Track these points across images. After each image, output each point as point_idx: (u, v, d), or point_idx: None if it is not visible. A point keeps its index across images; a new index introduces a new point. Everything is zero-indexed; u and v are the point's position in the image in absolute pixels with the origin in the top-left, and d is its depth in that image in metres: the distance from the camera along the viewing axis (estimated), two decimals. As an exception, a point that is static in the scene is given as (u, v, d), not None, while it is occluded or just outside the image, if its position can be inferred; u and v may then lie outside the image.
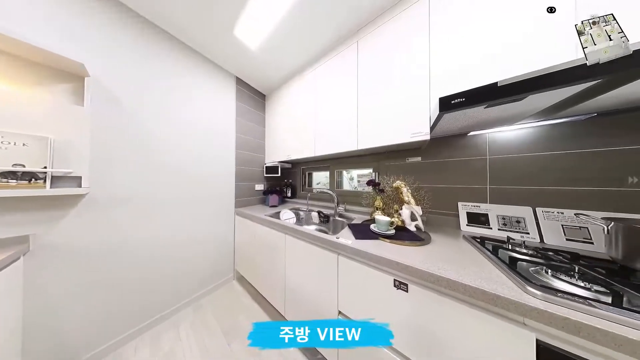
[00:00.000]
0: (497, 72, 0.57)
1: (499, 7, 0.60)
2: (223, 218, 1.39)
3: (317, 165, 1.61)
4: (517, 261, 0.49)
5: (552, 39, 0.52)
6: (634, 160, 0.55)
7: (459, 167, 0.85)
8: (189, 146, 1.18)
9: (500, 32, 0.59)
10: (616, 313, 0.30)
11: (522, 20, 0.56)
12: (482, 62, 0.62)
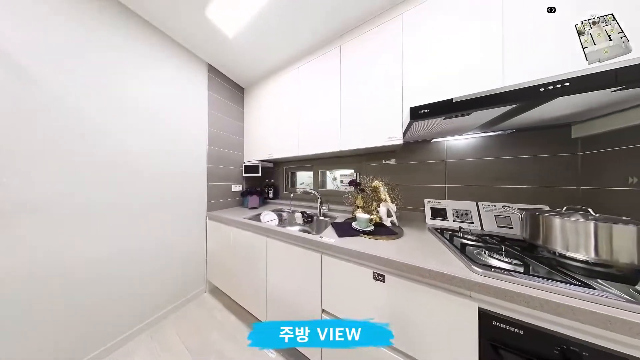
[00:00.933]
0: (454, 90, 0.69)
1: (455, 40, 0.73)
2: (192, 224, 1.22)
3: (301, 165, 1.59)
4: (466, 246, 0.59)
5: (491, 69, 0.65)
6: (533, 165, 0.75)
7: (425, 169, 0.98)
8: (146, 140, 0.99)
9: (456, 59, 0.72)
10: (525, 279, 0.40)
11: (472, 53, 0.69)
12: (443, 81, 0.74)
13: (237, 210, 1.38)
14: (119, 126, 0.89)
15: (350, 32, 1.01)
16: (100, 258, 0.82)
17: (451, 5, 0.74)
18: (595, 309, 0.33)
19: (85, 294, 0.78)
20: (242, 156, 1.65)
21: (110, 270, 0.86)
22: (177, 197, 1.13)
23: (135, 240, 0.95)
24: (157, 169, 1.04)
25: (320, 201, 1.20)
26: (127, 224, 0.92)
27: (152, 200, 1.01)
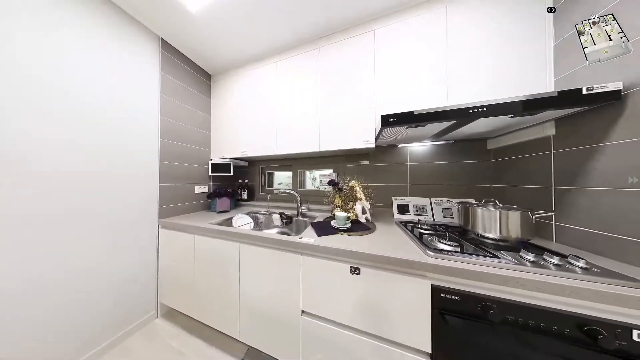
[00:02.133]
0: (415, 104, 0.82)
1: (415, 63, 0.86)
2: (136, 235, 0.98)
3: (279, 165, 1.53)
4: (423, 235, 0.72)
5: (440, 91, 0.81)
6: (466, 168, 0.98)
7: (393, 170, 1.12)
8: (65, 128, 0.74)
9: (416, 78, 0.86)
10: (460, 256, 0.52)
11: (427, 75, 0.84)
12: (407, 96, 0.87)
13: (203, 215, 1.20)
14: (33, 114, 0.64)
15: (329, 37, 1.05)
16: (16, 286, 0.56)
17: (411, 32, 0.87)
18: (498, 272, 0.46)
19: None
20: (209, 153, 1.44)
21: (7, 308, 0.59)
22: (113, 202, 0.89)
23: (43, 264, 0.69)
24: (81, 166, 0.78)
25: (299, 201, 1.19)
26: (31, 241, 0.66)
27: (71, 207, 0.76)
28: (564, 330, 0.41)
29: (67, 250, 0.75)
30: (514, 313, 0.44)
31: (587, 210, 0.57)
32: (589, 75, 0.57)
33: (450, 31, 0.81)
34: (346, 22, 0.98)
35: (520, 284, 0.44)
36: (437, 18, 0.83)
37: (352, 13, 0.93)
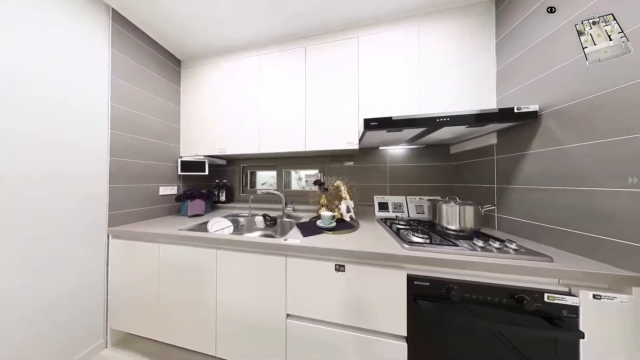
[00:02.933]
0: (394, 111, 0.89)
1: (393, 72, 0.94)
2: (76, 249, 0.80)
3: (263, 164, 1.46)
4: (400, 230, 0.79)
5: (414, 101, 0.90)
6: (434, 170, 1.12)
7: (374, 171, 1.20)
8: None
9: (395, 87, 0.93)
10: (429, 247, 0.59)
11: (403, 86, 0.93)
12: (387, 102, 0.94)
13: (170, 220, 1.06)
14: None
15: (315, 37, 1.05)
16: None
17: (389, 44, 0.95)
18: (457, 258, 0.54)
19: None
20: (179, 149, 1.27)
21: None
22: (40, 207, 0.70)
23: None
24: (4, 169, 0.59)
25: (284, 202, 1.16)
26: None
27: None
28: (502, 300, 0.51)
29: (25, 264, 0.56)
30: (469, 291, 0.53)
31: (518, 203, 0.73)
32: (520, 97, 0.73)
33: (422, 48, 0.91)
34: (332, 25, 1.00)
35: (473, 266, 0.53)
36: (411, 36, 0.93)
37: (337, 15, 0.95)
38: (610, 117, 0.48)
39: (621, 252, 0.46)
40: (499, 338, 0.51)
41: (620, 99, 0.46)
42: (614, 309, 0.45)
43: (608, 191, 0.48)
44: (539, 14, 0.66)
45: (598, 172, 0.50)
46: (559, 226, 0.59)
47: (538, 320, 0.48)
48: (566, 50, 0.57)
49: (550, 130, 0.62)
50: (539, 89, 0.66)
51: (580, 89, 0.54)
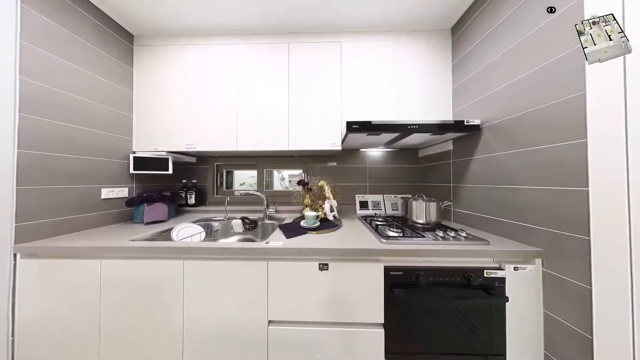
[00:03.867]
0: (373, 116, 0.96)
1: (372, 80, 1.01)
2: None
3: (241, 162, 1.35)
4: (378, 226, 0.86)
5: (391, 108, 0.99)
6: (406, 171, 1.26)
7: (356, 171, 1.27)
8: None
9: (374, 93, 1.01)
10: (402, 239, 0.67)
11: (381, 93, 1.01)
12: (367, 107, 1.00)
13: (118, 230, 0.87)
14: None
15: (298, 35, 1.04)
16: None
17: (369, 53, 1.02)
18: (424, 248, 0.62)
19: None
20: (131, 143, 1.06)
21: None
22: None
23: None
24: None
25: (266, 203, 1.10)
26: None
27: None
28: (457, 279, 0.61)
29: None
30: (433, 275, 0.62)
31: (467, 199, 0.89)
32: (469, 112, 0.89)
33: (397, 61, 1.01)
34: (316, 26, 1.00)
35: (436, 254, 0.62)
36: (388, 48, 1.02)
37: (320, 17, 0.95)
38: (524, 132, 0.64)
39: (529, 234, 0.62)
40: (454, 312, 0.62)
41: (530, 120, 0.62)
42: (525, 276, 0.60)
43: (523, 189, 0.64)
44: (479, 48, 0.83)
45: (518, 174, 0.66)
46: (494, 216, 0.75)
47: (480, 293, 0.60)
48: (498, 79, 0.73)
49: (487, 141, 0.78)
50: (480, 107, 0.82)
51: (505, 110, 0.70)
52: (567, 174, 0.52)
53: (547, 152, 0.58)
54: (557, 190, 0.55)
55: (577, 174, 0.50)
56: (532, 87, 0.62)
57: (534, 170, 0.61)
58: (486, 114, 0.79)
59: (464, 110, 0.92)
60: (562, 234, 0.54)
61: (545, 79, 0.58)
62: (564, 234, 0.53)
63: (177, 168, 1.22)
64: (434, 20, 0.97)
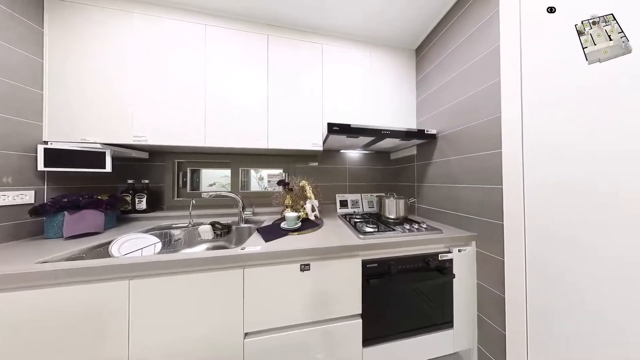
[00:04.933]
0: (353, 119, 1.02)
1: (353, 85, 1.07)
2: None
3: (211, 160, 1.20)
4: (356, 223, 0.91)
5: (366, 114, 1.07)
6: (381, 172, 1.40)
7: (337, 172, 1.31)
8: None
9: (353, 98, 1.07)
10: (377, 234, 0.73)
11: (359, 100, 1.07)
12: (346, 110, 1.05)
13: (17, 248, 0.63)
14: None
15: (278, 29, 0.99)
16: None
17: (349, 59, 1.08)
18: (394, 240, 0.70)
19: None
20: (41, 129, 0.79)
21: None
22: None
23: None
24: None
25: (242, 205, 1.01)
26: None
27: None
28: (419, 265, 0.72)
29: None
30: (402, 263, 0.70)
31: (427, 196, 1.05)
32: (428, 123, 1.06)
33: (373, 70, 1.11)
34: (296, 23, 0.99)
35: (404, 244, 0.71)
36: (365, 58, 1.10)
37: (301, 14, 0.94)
38: (464, 142, 0.81)
39: (468, 222, 0.79)
40: (417, 293, 0.72)
41: (467, 133, 0.79)
42: (466, 256, 0.76)
43: (464, 187, 0.81)
44: (435, 70, 0.99)
45: (461, 176, 0.83)
46: (445, 209, 0.92)
47: (436, 274, 0.73)
48: (447, 98, 0.90)
49: (442, 148, 0.95)
50: (436, 120, 0.99)
51: (452, 123, 0.87)
52: (490, 175, 0.70)
53: (477, 158, 0.75)
54: (485, 187, 0.72)
55: (496, 175, 0.67)
56: (468, 107, 0.79)
57: (470, 173, 0.78)
58: (440, 126, 0.96)
59: (425, 121, 1.09)
60: (488, 221, 0.71)
61: (477, 102, 0.75)
62: (489, 221, 0.70)
63: (120, 165, 0.98)
64: (402, 41, 1.11)
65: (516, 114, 0.61)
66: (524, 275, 0.59)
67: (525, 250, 0.59)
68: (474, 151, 0.77)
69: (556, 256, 0.52)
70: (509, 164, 0.63)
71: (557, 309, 0.52)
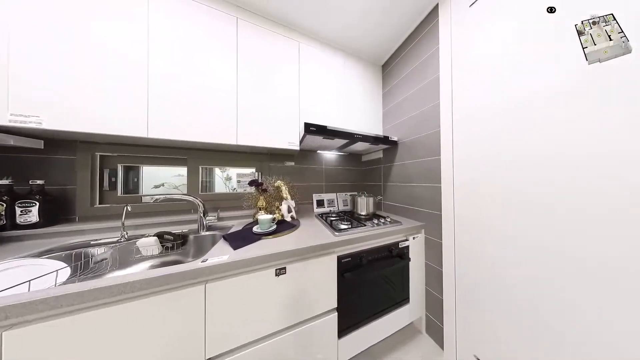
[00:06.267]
0: (329, 121, 1.05)
1: (329, 88, 1.10)
2: None
3: (156, 156, 0.96)
4: (332, 221, 0.95)
5: (339, 119, 1.13)
6: (354, 173, 1.51)
7: (313, 172, 1.32)
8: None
9: (325, 101, 1.10)
10: (351, 230, 0.79)
11: (336, 103, 1.12)
12: (323, 111, 1.07)
13: None
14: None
15: (249, 14, 0.90)
16: None
17: (325, 62, 1.10)
18: (365, 234, 0.77)
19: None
20: None
21: None
22: None
23: None
24: None
25: (202, 210, 0.86)
26: None
27: None
28: (385, 254, 0.82)
29: None
30: (371, 255, 0.78)
31: (391, 193, 1.22)
32: (392, 131, 1.22)
33: (347, 77, 1.18)
34: (269, 11, 0.93)
35: (373, 237, 0.79)
36: (340, 64, 1.16)
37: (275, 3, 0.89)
38: (416, 149, 0.99)
39: (419, 214, 0.97)
40: (385, 279, 0.83)
41: (418, 142, 0.97)
42: (418, 242, 0.93)
43: (416, 185, 0.99)
44: (397, 86, 1.17)
45: (414, 176, 1.01)
46: (404, 205, 1.09)
47: (397, 259, 0.86)
48: (405, 111, 1.08)
49: (401, 152, 1.13)
50: (397, 129, 1.16)
51: (409, 133, 1.05)
52: (433, 176, 0.88)
53: (425, 163, 0.93)
54: (430, 186, 0.90)
55: (437, 176, 0.86)
56: (420, 121, 0.97)
57: (421, 174, 0.97)
58: (401, 134, 1.13)
59: (389, 129, 1.26)
60: (432, 212, 0.89)
61: (425, 117, 0.93)
62: (432, 212, 0.89)
63: None
64: (372, 56, 1.24)
65: (449, 129, 0.80)
66: (453, 254, 0.79)
67: (455, 234, 0.79)
68: (423, 157, 0.95)
69: (474, 238, 0.72)
70: (445, 168, 0.82)
71: (475, 279, 0.71)
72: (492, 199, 0.66)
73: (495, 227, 0.65)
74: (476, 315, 0.71)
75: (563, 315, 0.49)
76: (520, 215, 0.58)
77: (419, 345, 0.90)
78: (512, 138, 0.60)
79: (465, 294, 0.75)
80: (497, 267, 0.64)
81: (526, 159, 0.56)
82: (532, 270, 0.55)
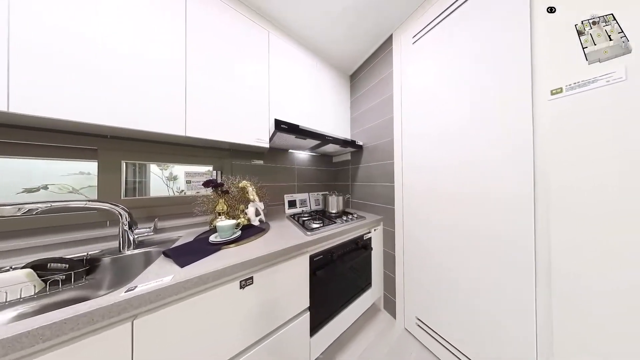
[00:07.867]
0: (301, 120, 1.04)
1: (300, 86, 1.09)
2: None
3: (28, 142, 0.63)
4: (304, 221, 0.95)
5: (316, 118, 1.15)
6: (326, 173, 1.58)
7: (285, 172, 1.27)
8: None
9: (300, 100, 1.09)
10: (322, 229, 0.82)
11: (308, 103, 1.12)
12: (294, 109, 1.05)
13: None
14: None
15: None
16: None
17: (296, 60, 1.09)
18: (335, 231, 0.83)
19: None
20: None
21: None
22: None
23: None
24: None
25: (128, 221, 0.64)
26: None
27: None
28: (352, 247, 0.91)
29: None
30: (340, 249, 0.84)
31: (358, 192, 1.36)
32: (358, 136, 1.37)
33: (319, 79, 1.21)
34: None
35: (342, 233, 0.86)
36: (312, 65, 1.17)
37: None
38: (377, 154, 1.16)
39: (379, 209, 1.14)
40: (352, 270, 0.91)
41: (378, 148, 1.14)
42: (378, 233, 1.09)
43: (377, 184, 1.16)
44: (361, 97, 1.32)
45: (376, 177, 1.17)
46: (368, 201, 1.24)
47: (362, 251, 0.97)
48: (368, 120, 1.23)
49: (366, 156, 1.28)
50: (362, 134, 1.31)
51: (371, 139, 1.21)
52: (389, 177, 1.06)
53: (383, 165, 1.11)
54: (386, 185, 1.08)
55: (391, 177, 1.04)
56: (379, 129, 1.14)
57: (380, 175, 1.14)
58: (365, 139, 1.28)
59: (356, 134, 1.40)
60: (387, 207, 1.07)
61: (384, 126, 1.11)
62: (388, 207, 1.07)
63: None
64: (342, 65, 1.34)
65: (399, 140, 0.99)
66: (402, 239, 0.98)
67: (403, 223, 0.98)
68: (382, 160, 1.12)
69: (413, 226, 0.92)
70: (396, 170, 1.01)
71: (414, 256, 0.92)
72: (424, 196, 0.87)
73: (425, 215, 0.87)
74: (416, 285, 0.92)
75: (467, 273, 0.71)
76: (440, 206, 0.80)
77: (379, 320, 1.05)
78: (437, 152, 0.82)
79: (409, 271, 0.95)
80: (425, 244, 0.86)
81: (446, 167, 0.78)
82: (447, 242, 0.77)
